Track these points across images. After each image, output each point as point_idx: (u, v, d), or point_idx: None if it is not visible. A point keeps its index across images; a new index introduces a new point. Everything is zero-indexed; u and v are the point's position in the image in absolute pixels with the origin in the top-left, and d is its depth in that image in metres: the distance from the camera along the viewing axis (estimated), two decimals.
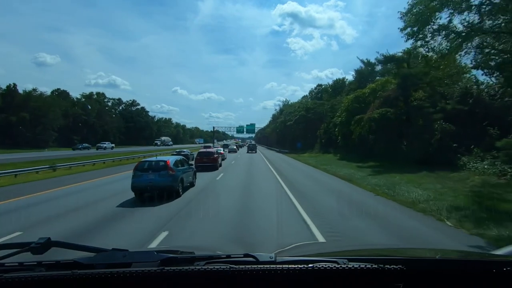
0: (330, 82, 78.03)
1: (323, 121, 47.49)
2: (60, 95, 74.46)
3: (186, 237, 5.89)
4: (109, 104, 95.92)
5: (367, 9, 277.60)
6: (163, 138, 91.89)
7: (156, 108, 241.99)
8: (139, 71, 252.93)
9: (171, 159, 10.53)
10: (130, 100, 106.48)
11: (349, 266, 1.09)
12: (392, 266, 1.07)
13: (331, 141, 37.44)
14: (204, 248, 2.16)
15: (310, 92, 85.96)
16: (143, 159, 11.74)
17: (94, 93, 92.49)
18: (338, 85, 69.88)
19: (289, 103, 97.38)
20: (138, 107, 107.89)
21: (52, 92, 74.58)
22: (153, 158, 11.02)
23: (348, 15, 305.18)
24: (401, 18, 12.48)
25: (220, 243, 3.78)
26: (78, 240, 4.41)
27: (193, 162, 18.98)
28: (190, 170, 12.03)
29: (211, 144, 61.58)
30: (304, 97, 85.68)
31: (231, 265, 1.08)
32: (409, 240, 5.87)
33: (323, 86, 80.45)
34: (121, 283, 1.03)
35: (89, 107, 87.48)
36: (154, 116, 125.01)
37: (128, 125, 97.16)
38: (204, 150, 23.85)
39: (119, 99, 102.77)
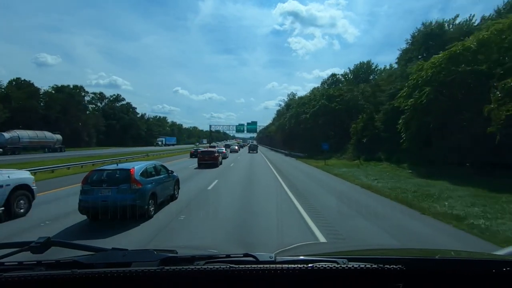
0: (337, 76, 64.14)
1: (354, 113, 33.57)
2: (20, 86, 60.99)
3: None
4: (87, 98, 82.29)
5: (369, 8, 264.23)
6: (14, 133, 38.45)
7: (158, 109, 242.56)
8: (140, 72, 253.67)
9: (136, 167, 7.51)
10: (114, 95, 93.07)
11: (349, 266, 1.07)
12: (392, 266, 1.06)
13: (377, 140, 23.58)
14: (204, 247, 2.04)
15: (323, 83, 71.77)
16: (97, 168, 8.27)
17: (71, 86, 79.04)
18: (362, 70, 56.07)
19: (297, 96, 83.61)
20: (124, 102, 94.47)
21: (10, 82, 61.27)
22: (111, 166, 7.95)
23: (350, 14, 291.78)
24: None
25: (220, 243, 3.98)
26: None
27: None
28: (169, 180, 9.04)
29: (215, 144, 60.27)
30: (315, 89, 71.18)
31: (231, 265, 1.06)
32: None
33: (337, 76, 66.62)
34: (121, 282, 1.02)
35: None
36: (145, 114, 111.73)
37: (110, 122, 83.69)
38: (206, 149, 25.32)
39: (101, 93, 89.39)
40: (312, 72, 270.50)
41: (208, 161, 20.92)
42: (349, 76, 57.72)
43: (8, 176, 7.46)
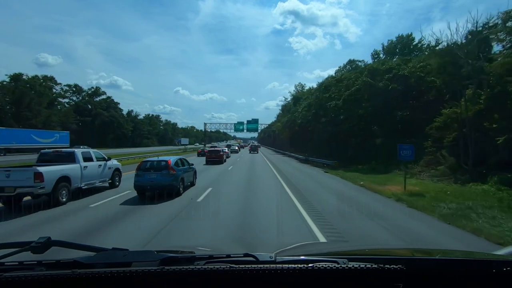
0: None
1: (417, 96, 20.68)
2: None
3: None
4: (57, 90, 69.47)
5: (371, 7, 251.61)
6: None
7: (159, 109, 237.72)
8: (141, 72, 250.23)
9: (172, 159, 10.62)
10: (93, 88, 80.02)
11: (349, 266, 1.06)
12: (392, 266, 1.05)
13: None
14: (204, 247, 2.01)
15: (337, 71, 58.60)
16: (145, 159, 11.69)
17: (40, 76, 66.10)
18: (399, 47, 42.92)
19: (305, 89, 70.43)
20: (104, 97, 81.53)
21: None
22: (155, 158, 11.35)
23: (351, 12, 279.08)
24: None
25: (220, 243, 4.06)
26: (79, 240, 4.45)
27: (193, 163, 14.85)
28: (190, 170, 12.20)
29: (217, 144, 64.16)
30: (329, 77, 57.67)
31: (231, 265, 1.06)
32: None
33: (356, 63, 53.62)
34: (121, 282, 1.01)
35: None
36: (132, 111, 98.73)
37: (85, 120, 70.97)
38: (213, 149, 29.65)
39: (76, 86, 76.44)
40: (313, 72, 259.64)
41: (214, 158, 25.48)
42: (380, 55, 44.84)
43: (112, 162, 11.96)
